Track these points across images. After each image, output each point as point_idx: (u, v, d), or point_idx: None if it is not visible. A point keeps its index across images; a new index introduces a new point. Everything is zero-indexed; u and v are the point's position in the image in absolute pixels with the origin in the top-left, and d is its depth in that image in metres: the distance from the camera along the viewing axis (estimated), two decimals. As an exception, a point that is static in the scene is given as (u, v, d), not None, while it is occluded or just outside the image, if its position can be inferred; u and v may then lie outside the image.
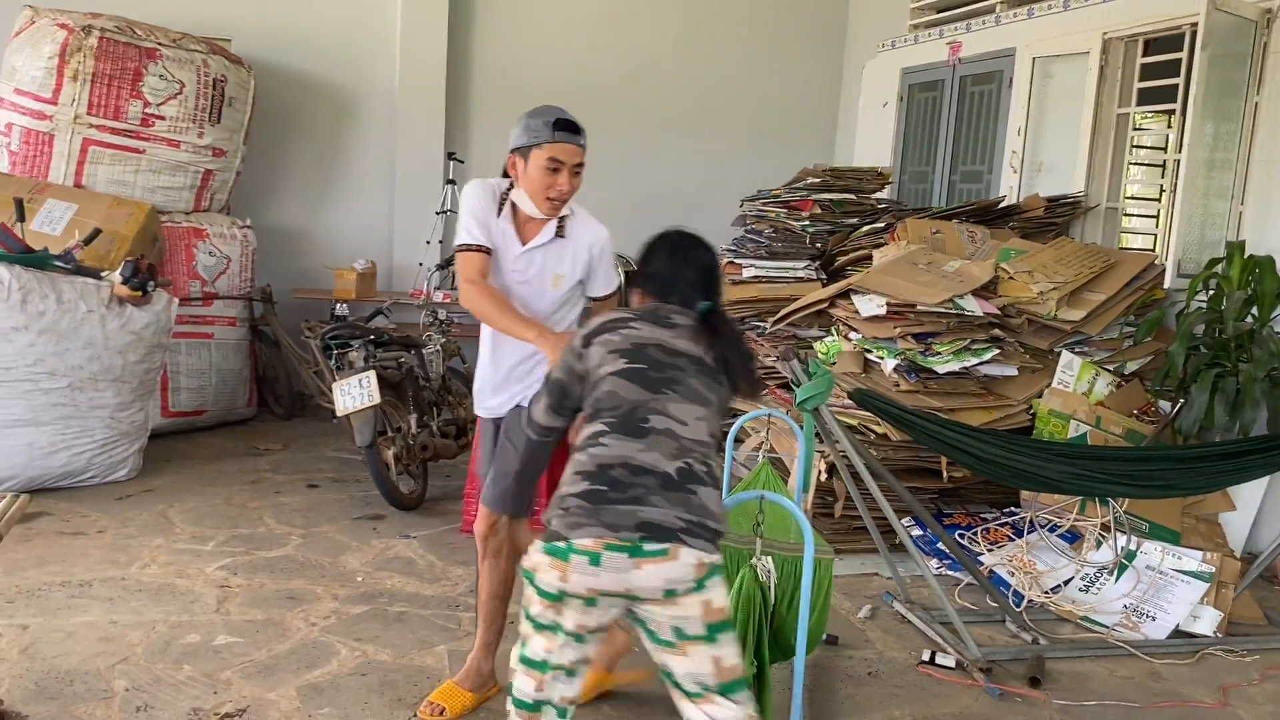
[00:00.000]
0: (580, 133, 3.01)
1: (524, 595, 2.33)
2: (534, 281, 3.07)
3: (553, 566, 2.23)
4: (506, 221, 3.07)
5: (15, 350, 4.73)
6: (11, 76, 6.02)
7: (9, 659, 3.30)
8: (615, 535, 2.19)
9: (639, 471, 2.27)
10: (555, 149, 2.96)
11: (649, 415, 2.35)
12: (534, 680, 2.36)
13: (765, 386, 2.60)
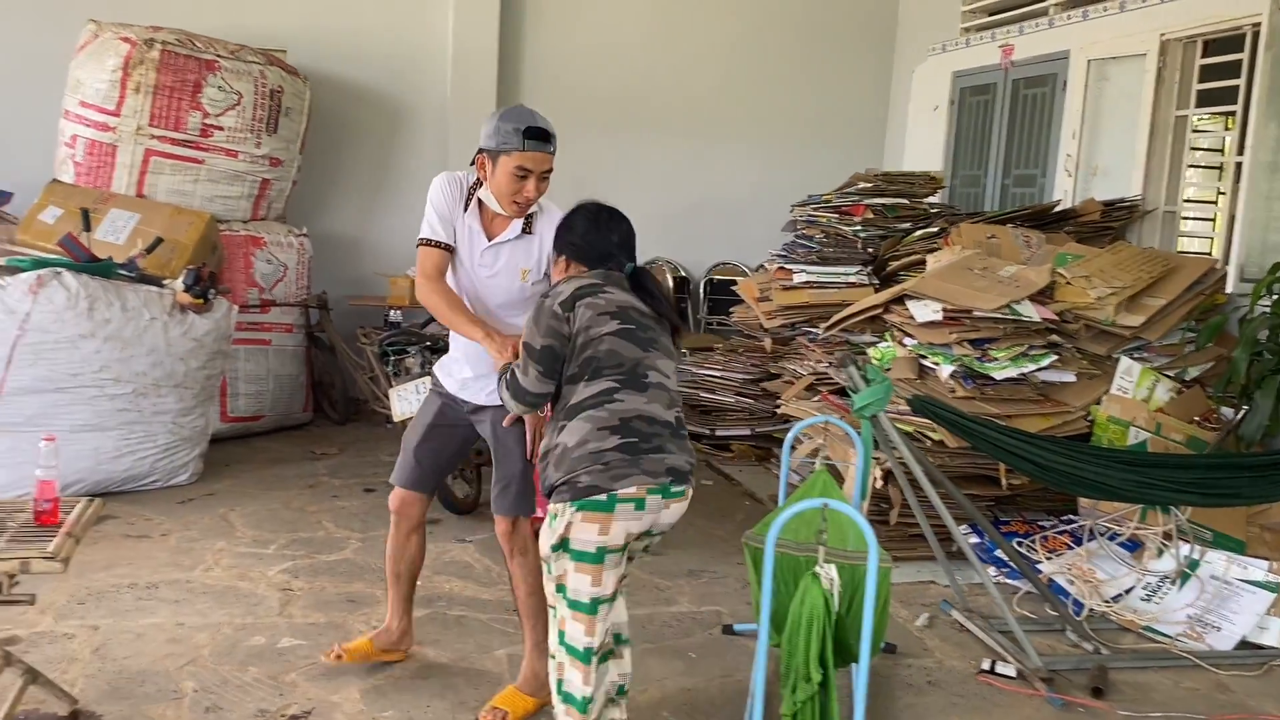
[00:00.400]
0: (550, 140, 3.03)
1: (548, 588, 2.61)
2: (501, 275, 3.14)
3: (589, 521, 2.48)
4: (473, 217, 3.13)
5: (82, 357, 4.85)
6: (76, 89, 6.17)
7: (82, 659, 3.38)
8: (654, 480, 2.55)
9: (652, 422, 2.60)
10: (524, 157, 2.98)
11: (648, 371, 2.66)
12: (580, 671, 2.57)
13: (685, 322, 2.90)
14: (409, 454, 3.33)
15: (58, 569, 2.59)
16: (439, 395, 3.33)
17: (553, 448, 2.63)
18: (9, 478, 4.75)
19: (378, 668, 3.44)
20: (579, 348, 2.65)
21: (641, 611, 4.01)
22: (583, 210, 2.94)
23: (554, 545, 2.58)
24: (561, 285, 2.76)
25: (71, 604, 3.79)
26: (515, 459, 3.14)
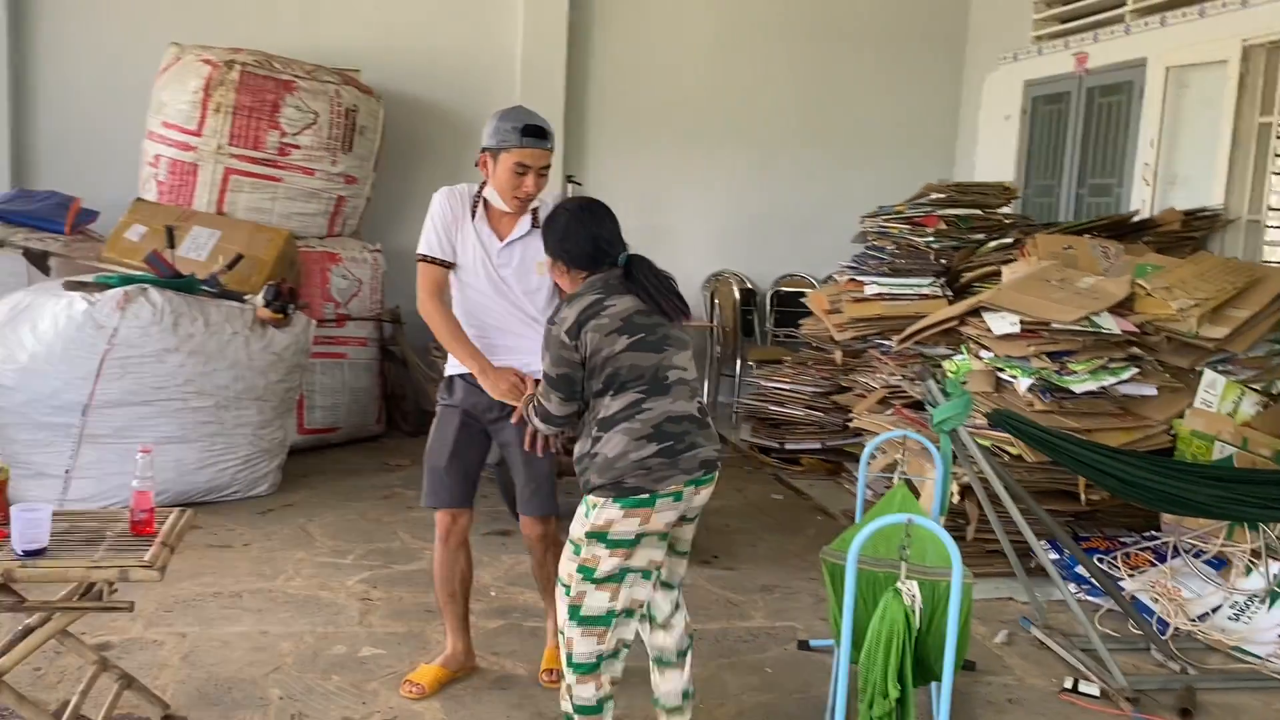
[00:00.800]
0: (547, 137, 3.16)
1: (567, 567, 2.79)
2: (519, 271, 3.26)
3: (632, 516, 2.71)
4: (482, 221, 3.27)
5: (167, 370, 4.98)
6: (160, 111, 6.36)
7: (171, 665, 3.47)
8: (690, 475, 2.76)
9: (679, 420, 2.77)
10: (522, 154, 3.12)
11: (667, 372, 2.80)
12: (595, 637, 2.79)
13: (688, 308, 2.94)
14: (440, 475, 3.37)
15: (155, 577, 2.66)
16: (454, 409, 3.36)
17: (591, 455, 2.76)
18: (97, 488, 4.91)
19: (457, 678, 3.47)
20: (597, 367, 2.76)
21: (715, 626, 4.01)
22: (564, 211, 2.97)
23: (589, 533, 2.74)
24: (565, 310, 2.80)
25: (160, 612, 3.89)
26: (542, 461, 3.28)
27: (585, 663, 2.80)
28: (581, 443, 2.82)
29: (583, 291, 2.83)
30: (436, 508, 3.40)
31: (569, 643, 2.81)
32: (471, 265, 3.28)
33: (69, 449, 4.89)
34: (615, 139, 8.01)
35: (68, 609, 2.74)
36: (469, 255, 3.28)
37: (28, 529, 2.64)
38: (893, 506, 3.46)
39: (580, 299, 2.80)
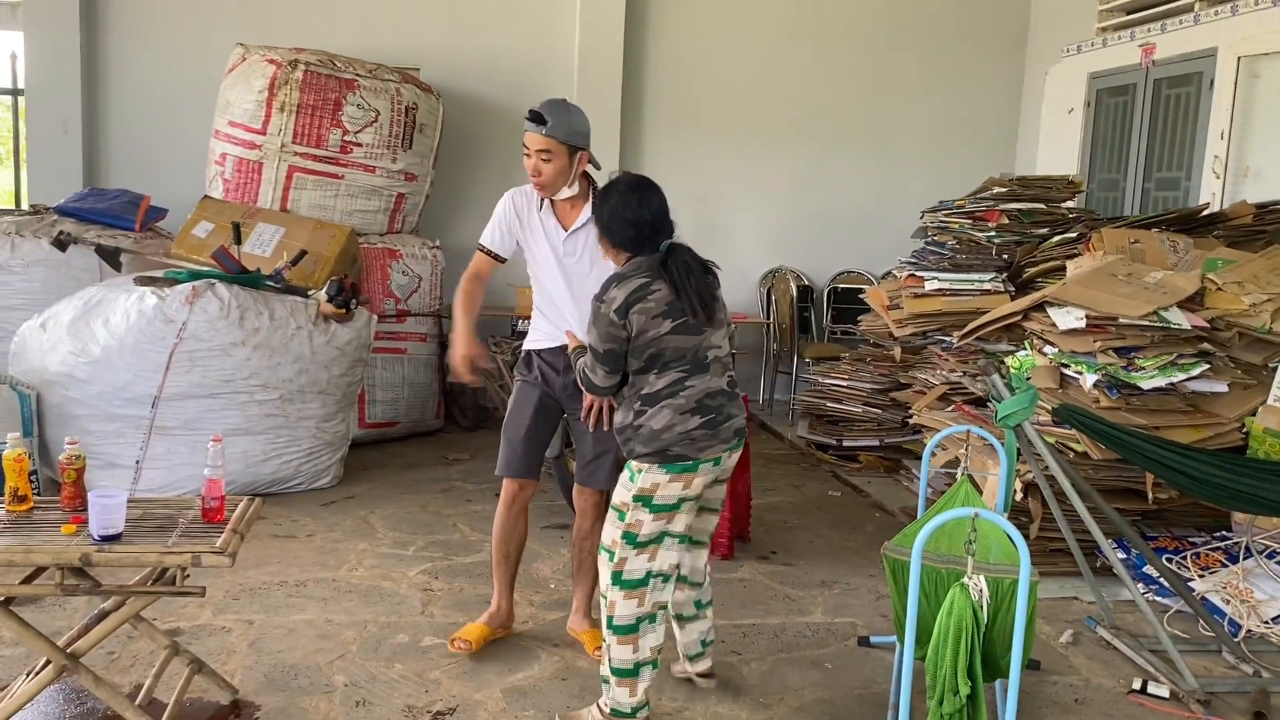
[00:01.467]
0: (543, 121, 3.31)
1: (611, 534, 2.99)
2: (584, 259, 3.43)
3: (676, 481, 2.95)
4: (548, 214, 3.47)
5: (234, 364, 5.07)
6: (226, 110, 6.48)
7: (239, 652, 3.54)
8: (727, 444, 3.02)
9: (716, 394, 3.01)
10: (525, 137, 3.36)
11: (706, 352, 3.01)
12: (635, 599, 2.98)
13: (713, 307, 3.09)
14: (516, 445, 3.58)
15: (226, 563, 2.72)
16: (532, 386, 3.57)
17: (635, 427, 2.99)
18: (167, 478, 5.02)
19: (518, 667, 3.51)
20: (642, 347, 2.96)
21: (774, 621, 3.99)
22: (614, 191, 3.06)
23: (636, 496, 2.97)
24: (614, 290, 2.95)
25: (228, 599, 3.97)
26: (609, 436, 3.39)
27: (625, 624, 2.99)
28: (623, 414, 3.04)
29: (629, 273, 2.97)
30: (509, 476, 3.60)
31: (611, 606, 3.00)
32: (541, 254, 3.50)
33: (139, 440, 5.00)
34: (671, 135, 8.00)
35: (142, 593, 2.80)
36: (539, 244, 3.50)
37: (104, 515, 2.71)
38: (955, 503, 3.42)
39: (628, 281, 2.95)
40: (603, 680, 3.08)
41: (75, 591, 2.74)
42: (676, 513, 2.99)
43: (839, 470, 6.21)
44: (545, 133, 3.30)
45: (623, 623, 2.99)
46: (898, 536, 3.43)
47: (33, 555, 2.65)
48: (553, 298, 3.52)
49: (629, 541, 2.99)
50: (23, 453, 2.95)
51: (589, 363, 3.04)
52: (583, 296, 3.36)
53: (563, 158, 3.33)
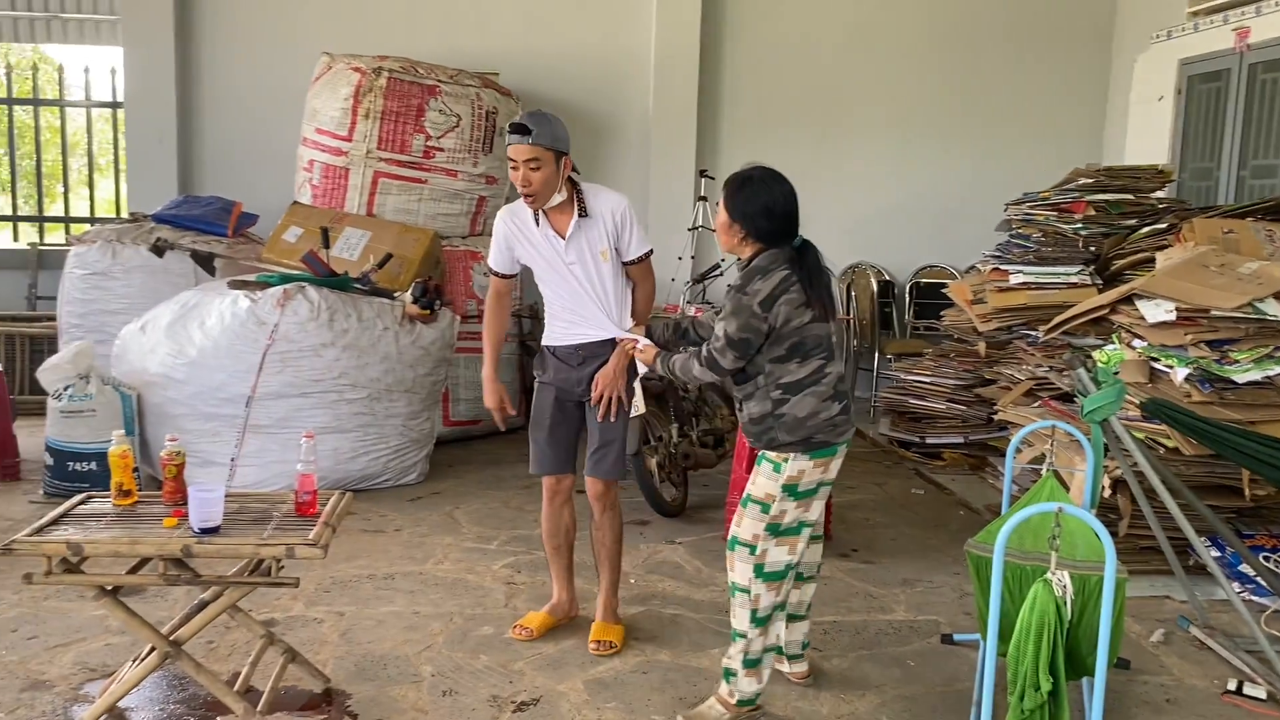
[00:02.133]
0: (527, 132, 3.31)
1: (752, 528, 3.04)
2: (584, 262, 3.48)
3: (819, 466, 3.06)
4: (545, 225, 3.49)
5: (324, 364, 5.23)
6: (313, 118, 6.67)
7: (330, 642, 3.65)
8: (854, 428, 3.18)
9: (843, 379, 3.15)
10: (510, 150, 3.36)
11: (833, 339, 3.15)
12: (775, 590, 3.09)
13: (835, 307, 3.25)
14: (542, 444, 3.71)
15: (318, 555, 2.82)
16: (548, 386, 3.68)
17: (776, 415, 3.04)
18: (260, 475, 5.18)
19: (599, 660, 3.56)
20: (783, 336, 3.02)
21: (855, 618, 3.98)
22: (760, 184, 3.06)
23: (784, 486, 3.04)
24: (758, 283, 3.00)
25: (319, 591, 4.09)
26: (616, 426, 3.58)
27: (764, 616, 3.10)
28: (758, 404, 3.07)
29: (770, 266, 3.02)
30: (542, 474, 3.75)
31: (755, 599, 3.08)
32: (545, 264, 3.55)
33: (234, 438, 5.18)
34: (748, 131, 7.99)
35: (240, 583, 2.91)
36: (541, 256, 3.54)
37: (204, 508, 2.83)
38: (1041, 498, 3.38)
39: (772, 274, 3.00)
40: (727, 673, 3.14)
41: (177, 582, 2.86)
42: (814, 499, 3.10)
43: (922, 468, 6.15)
44: (531, 141, 3.31)
45: (764, 614, 3.09)
46: (981, 533, 3.39)
47: (138, 547, 2.78)
48: (566, 302, 3.57)
49: (772, 533, 3.07)
50: (127, 449, 3.10)
51: (718, 346, 3.04)
52: (600, 294, 3.51)
53: (550, 164, 3.35)
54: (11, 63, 8.58)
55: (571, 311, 3.57)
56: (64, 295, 6.39)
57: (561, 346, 3.62)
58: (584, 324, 3.56)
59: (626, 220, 3.52)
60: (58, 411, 5.14)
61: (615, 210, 3.50)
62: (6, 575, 4.16)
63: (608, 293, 3.54)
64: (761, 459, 3.12)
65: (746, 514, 3.11)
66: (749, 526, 3.10)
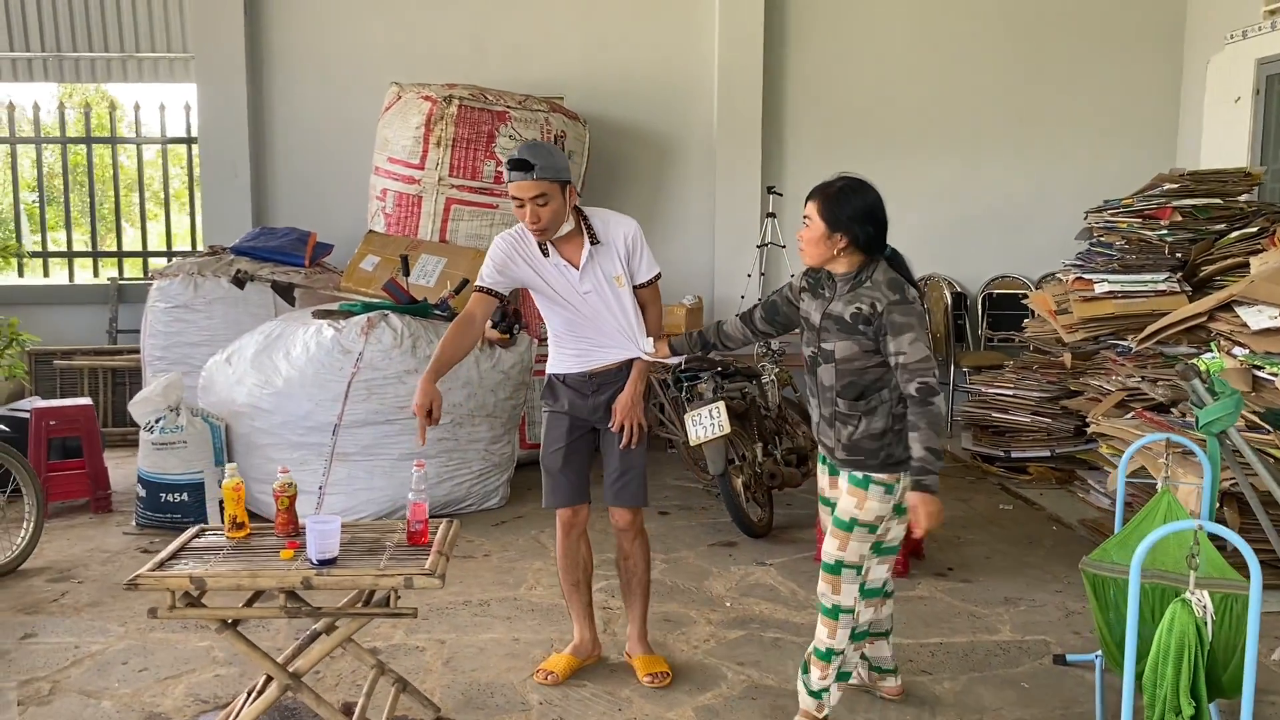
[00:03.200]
0: (530, 168, 3.20)
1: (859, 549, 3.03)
2: (597, 290, 3.40)
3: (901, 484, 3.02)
4: (555, 255, 3.38)
5: (407, 391, 5.23)
6: (385, 147, 6.74)
7: (435, 670, 3.65)
8: None
9: None
10: (513, 188, 3.25)
11: None
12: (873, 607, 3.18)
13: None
14: (556, 476, 3.58)
15: (436, 585, 2.81)
16: (561, 414, 3.55)
17: (896, 431, 2.99)
18: (347, 503, 5.22)
19: (706, 686, 3.52)
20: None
21: (961, 639, 3.90)
22: (856, 191, 3.02)
23: (897, 506, 3.04)
24: (911, 290, 3.00)
25: (415, 620, 4.07)
26: (637, 453, 3.51)
27: (861, 632, 3.17)
28: (881, 420, 2.99)
29: (899, 277, 3.00)
30: (557, 507, 3.60)
31: (855, 616, 3.10)
32: (559, 295, 3.43)
33: (321, 466, 5.22)
34: (812, 147, 7.94)
35: (358, 614, 2.92)
36: (551, 286, 3.42)
37: (322, 540, 2.84)
38: (1157, 515, 3.29)
39: (907, 285, 3.00)
40: (820, 693, 3.11)
41: (298, 614, 2.87)
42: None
43: (1007, 482, 6.04)
44: (535, 177, 3.19)
45: (861, 630, 3.16)
46: (1096, 551, 3.32)
47: (259, 579, 2.80)
48: (580, 330, 3.47)
49: (875, 551, 3.09)
50: (240, 482, 3.13)
51: (929, 368, 2.89)
52: (620, 317, 3.43)
53: (556, 197, 3.25)
54: (90, 102, 8.78)
55: (585, 339, 3.47)
56: (147, 328, 6.50)
57: (573, 375, 3.52)
58: (601, 349, 3.47)
59: (638, 244, 3.46)
60: (149, 444, 5.22)
61: (627, 235, 3.44)
62: (109, 608, 4.23)
63: (627, 315, 3.45)
64: (866, 482, 3.02)
65: (852, 538, 3.05)
66: (855, 549, 3.05)
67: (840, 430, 3.06)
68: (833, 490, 3.21)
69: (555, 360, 3.58)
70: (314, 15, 7.58)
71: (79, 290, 7.82)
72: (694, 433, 5.02)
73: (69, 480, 5.64)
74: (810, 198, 3.05)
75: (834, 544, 3.07)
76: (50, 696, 3.43)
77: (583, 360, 3.50)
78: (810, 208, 3.04)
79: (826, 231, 3.01)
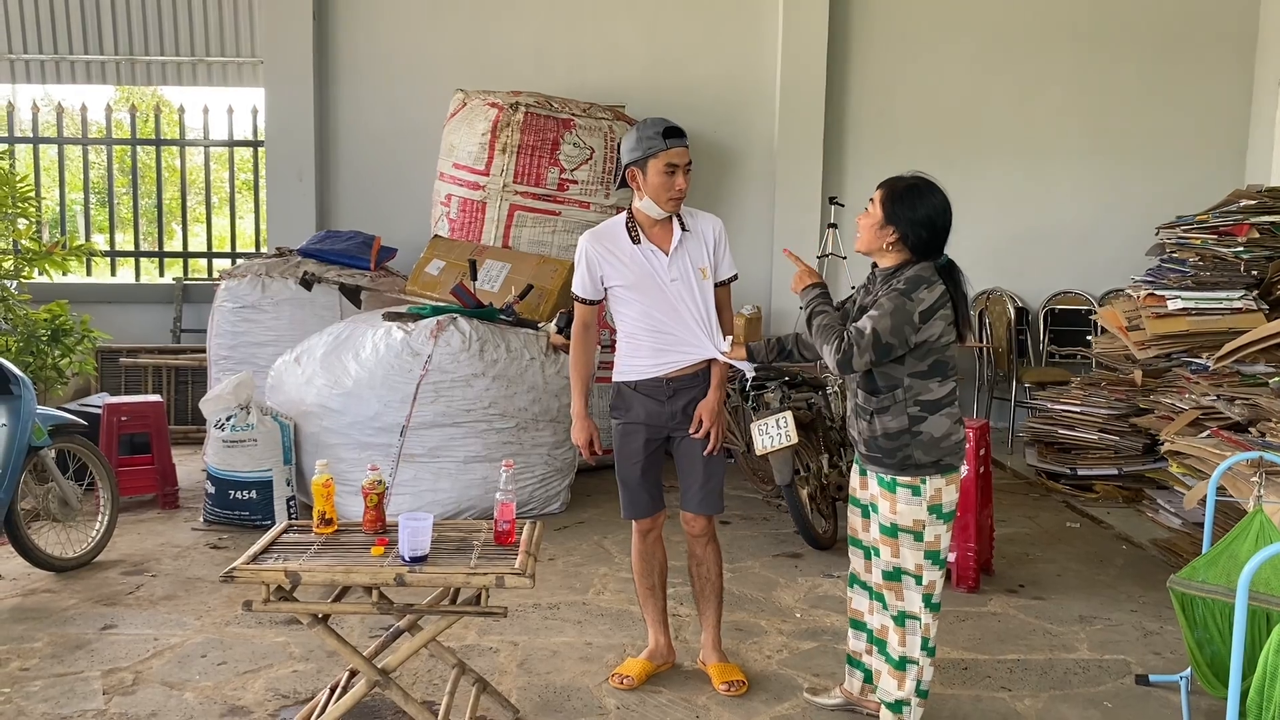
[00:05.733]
0: (684, 135, 3.35)
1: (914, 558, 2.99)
2: (683, 278, 3.40)
3: (951, 483, 3.01)
4: (646, 243, 3.42)
5: (474, 394, 5.28)
6: (450, 153, 6.80)
7: (510, 672, 3.65)
8: None
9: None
10: (669, 154, 3.30)
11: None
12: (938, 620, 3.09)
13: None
14: (634, 487, 3.58)
15: (527, 584, 2.83)
16: (636, 425, 3.54)
17: (913, 433, 2.97)
18: (413, 503, 5.25)
19: (782, 696, 3.50)
20: (931, 351, 2.96)
21: (1039, 656, 3.85)
22: (924, 192, 3.01)
23: (930, 508, 2.98)
24: (924, 292, 2.93)
25: (488, 621, 4.11)
26: (718, 460, 3.51)
27: (934, 647, 3.09)
28: (895, 420, 2.99)
29: (932, 279, 2.96)
30: (637, 518, 3.62)
31: (926, 629, 3.04)
32: (644, 283, 3.41)
33: (388, 467, 5.26)
34: (874, 158, 7.91)
35: (449, 612, 2.93)
36: (639, 275, 3.41)
37: (414, 537, 2.86)
38: (1250, 535, 3.25)
39: (935, 286, 2.95)
40: (897, 705, 3.06)
41: (389, 611, 2.89)
42: (953, 522, 3.06)
43: (1073, 500, 5.97)
44: (687, 143, 3.35)
45: (933, 645, 3.09)
46: (1185, 570, 3.28)
47: (352, 575, 2.82)
48: (660, 323, 3.43)
49: (934, 561, 3.01)
50: (330, 479, 3.15)
51: (861, 342, 2.89)
52: (701, 311, 3.41)
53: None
54: (160, 104, 8.94)
55: (664, 334, 3.44)
56: (214, 327, 6.58)
57: (646, 380, 3.48)
58: (678, 346, 3.43)
59: (723, 240, 3.50)
60: (219, 441, 5.28)
61: (715, 228, 3.49)
62: (184, 601, 4.28)
63: (709, 309, 3.44)
64: (893, 485, 3.00)
65: (902, 544, 3.01)
66: (909, 557, 3.02)
67: (859, 424, 3.09)
68: (862, 490, 3.19)
69: (627, 366, 3.56)
70: (380, 22, 7.67)
71: (145, 289, 7.95)
72: (760, 442, 4.99)
73: (138, 475, 5.72)
74: (880, 186, 3.07)
75: (886, 551, 3.05)
76: (134, 687, 3.48)
77: (658, 361, 3.47)
78: (876, 195, 3.06)
79: (882, 221, 3.02)
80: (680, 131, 3.33)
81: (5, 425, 4.27)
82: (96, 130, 8.13)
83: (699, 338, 3.43)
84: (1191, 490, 4.62)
